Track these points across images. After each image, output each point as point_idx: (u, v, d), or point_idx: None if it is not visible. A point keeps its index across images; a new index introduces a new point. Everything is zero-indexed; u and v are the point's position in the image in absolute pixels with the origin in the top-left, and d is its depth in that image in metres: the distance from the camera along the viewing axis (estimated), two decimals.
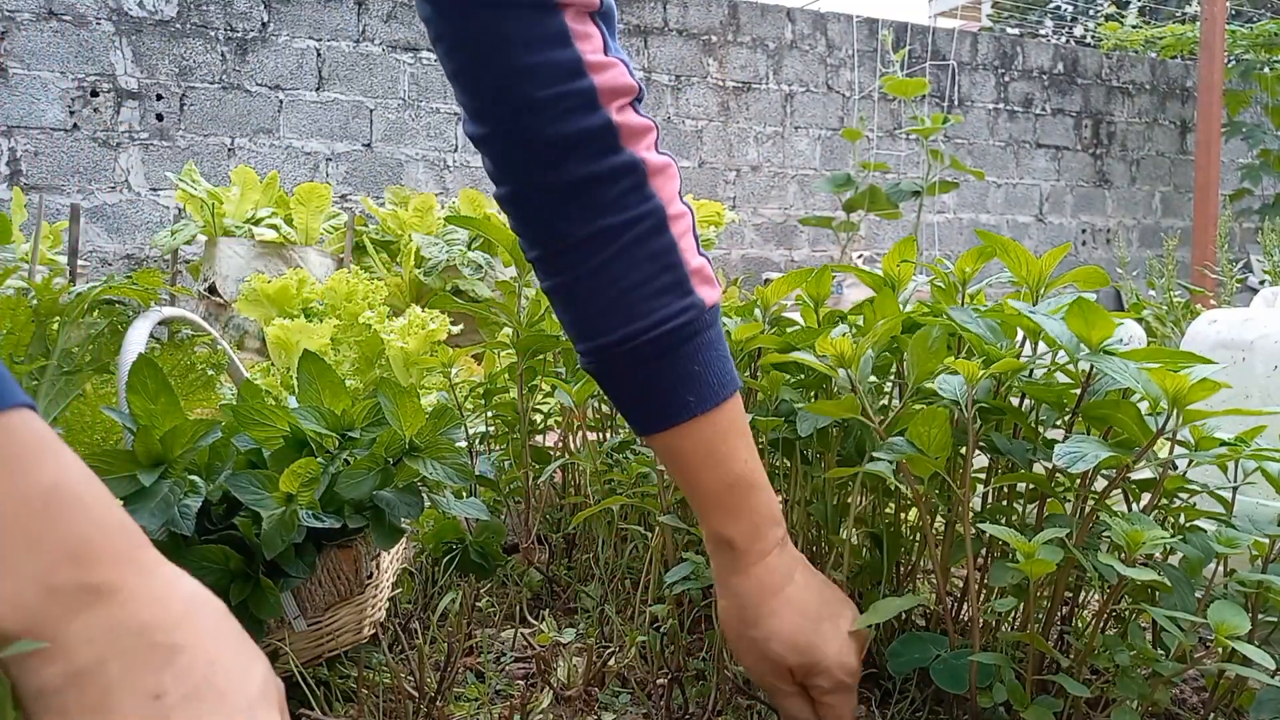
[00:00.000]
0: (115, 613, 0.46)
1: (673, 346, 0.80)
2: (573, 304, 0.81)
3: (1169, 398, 0.81)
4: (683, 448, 0.83)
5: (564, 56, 0.72)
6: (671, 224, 0.79)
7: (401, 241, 4.09)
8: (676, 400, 0.81)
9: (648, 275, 0.78)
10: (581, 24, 0.74)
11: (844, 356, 0.96)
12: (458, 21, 0.73)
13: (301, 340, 2.16)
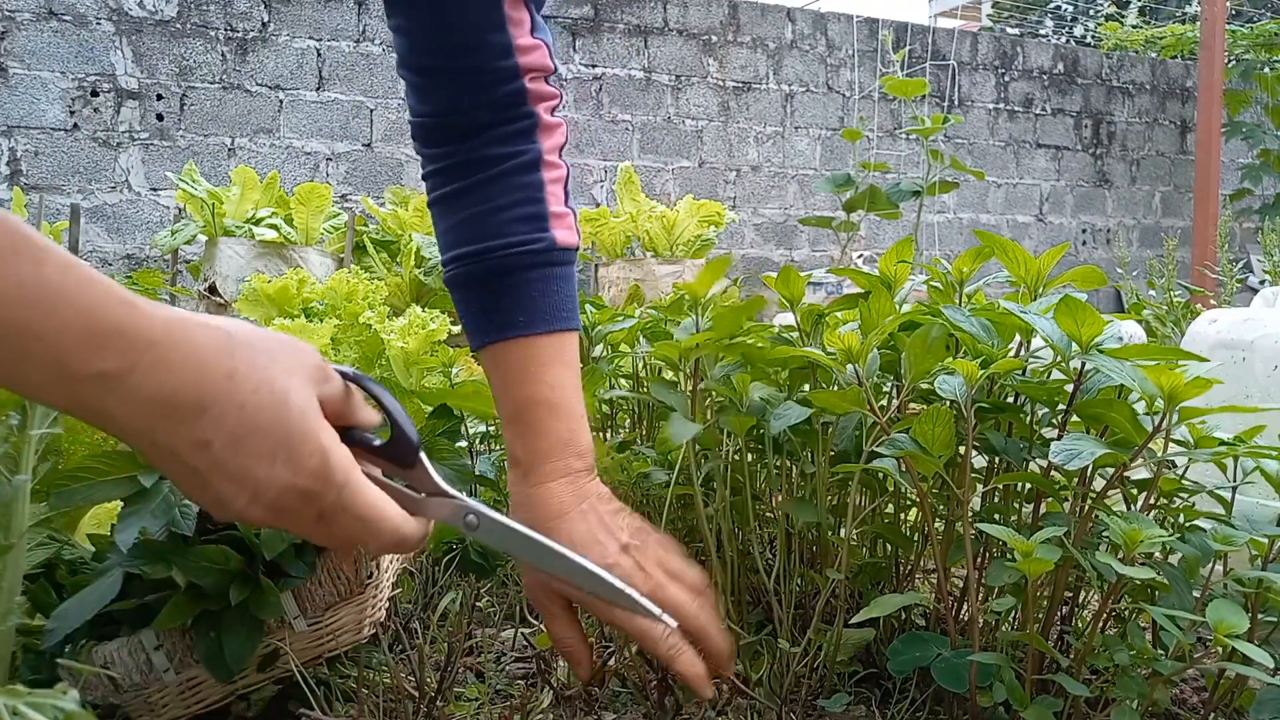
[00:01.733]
0: (139, 389, 0.53)
1: (519, 268, 0.90)
2: (449, 214, 0.93)
3: (1164, 395, 0.81)
4: (502, 361, 0.91)
5: (498, 39, 0.87)
6: (544, 168, 0.91)
7: (401, 241, 4.09)
8: (510, 317, 0.90)
9: (514, 201, 0.90)
10: (516, 10, 0.88)
11: (851, 351, 0.96)
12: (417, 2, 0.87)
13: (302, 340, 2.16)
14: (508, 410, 0.91)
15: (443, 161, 0.93)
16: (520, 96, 0.90)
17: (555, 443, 0.90)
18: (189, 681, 0.95)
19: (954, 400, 0.91)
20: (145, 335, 0.53)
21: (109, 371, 0.52)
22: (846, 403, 0.98)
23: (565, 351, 0.92)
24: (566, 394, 0.91)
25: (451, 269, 0.93)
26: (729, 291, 4.23)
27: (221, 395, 0.55)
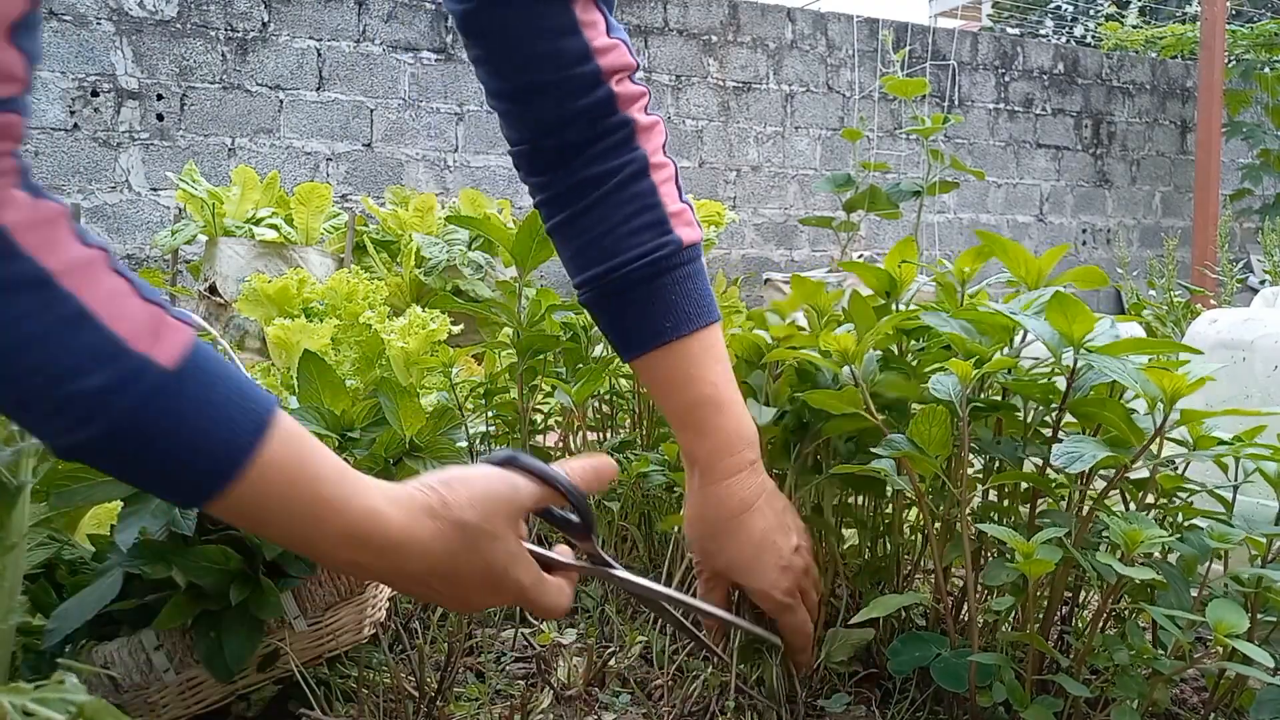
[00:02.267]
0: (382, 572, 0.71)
1: (651, 277, 0.91)
2: (570, 240, 0.94)
3: (1165, 396, 0.81)
4: (657, 369, 0.93)
5: (574, 44, 0.86)
6: (653, 171, 0.91)
7: (402, 241, 4.09)
8: (654, 326, 0.92)
9: (630, 214, 0.90)
10: (588, 13, 0.87)
11: (847, 353, 0.96)
12: (488, 16, 0.86)
13: (302, 340, 2.16)
14: (675, 414, 0.94)
15: (550, 190, 0.94)
16: (609, 104, 0.89)
17: (727, 439, 0.93)
18: (189, 681, 0.95)
19: (948, 400, 0.91)
20: (388, 539, 0.69)
21: (361, 562, 0.69)
22: (843, 403, 0.99)
23: (714, 346, 0.94)
24: (726, 389, 0.94)
25: (585, 292, 0.95)
26: (729, 292, 4.23)
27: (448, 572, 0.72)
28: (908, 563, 1.18)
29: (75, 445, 0.60)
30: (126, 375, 0.58)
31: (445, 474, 0.73)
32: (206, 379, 0.62)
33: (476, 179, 5.17)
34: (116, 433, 0.59)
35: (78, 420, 0.58)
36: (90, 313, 0.58)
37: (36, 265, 0.56)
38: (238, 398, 0.63)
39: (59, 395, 0.57)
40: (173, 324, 0.61)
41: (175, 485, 0.63)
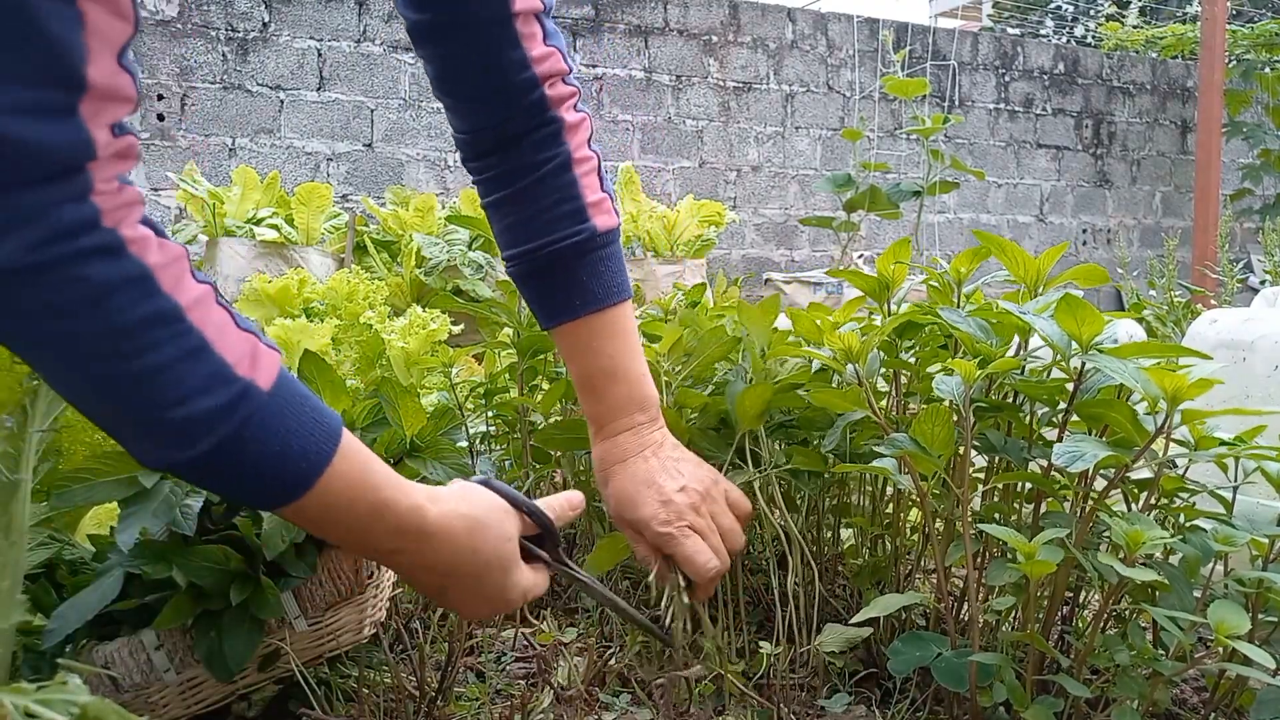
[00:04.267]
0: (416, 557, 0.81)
1: (567, 258, 1.02)
2: (501, 218, 1.06)
3: (1167, 397, 0.81)
4: (567, 340, 1.05)
5: (514, 55, 0.97)
6: (575, 165, 1.02)
7: (402, 241, 4.09)
8: (567, 302, 1.03)
9: (553, 202, 1.01)
10: (528, 26, 0.97)
11: (851, 351, 0.96)
12: (439, 27, 0.96)
13: (302, 340, 2.16)
14: (577, 379, 1.06)
15: (488, 172, 1.05)
16: (542, 104, 0.99)
17: (617, 403, 1.05)
18: (189, 681, 0.95)
19: (952, 400, 0.91)
20: (424, 530, 0.80)
21: (400, 549, 0.80)
22: (847, 402, 0.99)
23: (618, 323, 1.05)
24: (623, 360, 1.05)
25: (511, 266, 1.06)
26: (729, 292, 4.23)
27: (466, 565, 0.84)
28: (908, 562, 1.18)
29: (181, 462, 0.67)
30: (235, 398, 0.66)
31: (457, 485, 0.87)
32: (293, 399, 0.71)
33: None
34: (222, 449, 0.67)
35: (190, 439, 0.66)
36: (208, 343, 0.65)
37: (173, 302, 0.64)
38: (314, 414, 0.72)
39: (177, 417, 0.65)
40: (265, 350, 0.70)
41: (263, 492, 0.72)
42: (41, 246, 0.58)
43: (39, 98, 0.57)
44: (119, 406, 0.65)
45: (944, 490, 0.98)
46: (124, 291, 0.61)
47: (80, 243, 0.59)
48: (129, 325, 0.62)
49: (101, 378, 0.63)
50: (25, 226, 0.57)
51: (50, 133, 0.58)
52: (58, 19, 0.57)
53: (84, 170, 0.60)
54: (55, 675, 0.64)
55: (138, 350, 0.62)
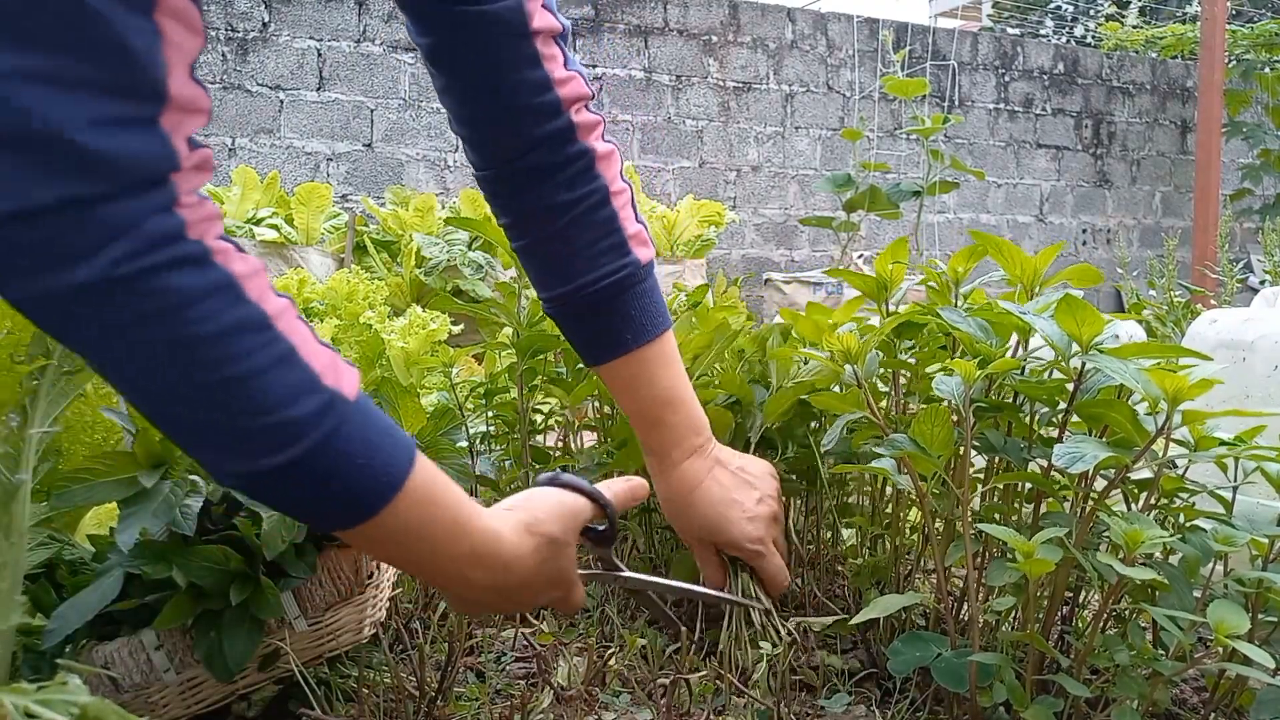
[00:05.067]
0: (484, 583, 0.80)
1: (613, 295, 1.00)
2: (536, 261, 1.03)
3: (1167, 397, 0.81)
4: (619, 375, 1.04)
5: (536, 75, 0.93)
6: (613, 199, 0.99)
7: (402, 241, 4.09)
8: (617, 338, 1.02)
9: (594, 238, 0.99)
10: (548, 47, 0.93)
11: (850, 352, 0.96)
12: (452, 48, 0.93)
13: None
14: (634, 412, 1.06)
15: (516, 214, 1.01)
16: (569, 132, 0.96)
17: (678, 432, 1.05)
18: (189, 681, 0.95)
19: (952, 400, 0.91)
20: (500, 556, 0.80)
21: (474, 579, 0.80)
22: (846, 404, 0.99)
23: (667, 352, 1.05)
24: (678, 389, 1.05)
25: (552, 306, 1.04)
26: (729, 292, 4.23)
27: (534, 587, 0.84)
28: (908, 563, 1.18)
29: (264, 470, 0.66)
30: (324, 406, 0.66)
31: (521, 496, 0.86)
32: (372, 412, 0.71)
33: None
34: (308, 458, 0.66)
35: (278, 446, 0.65)
36: (297, 351, 0.66)
37: (260, 310, 0.64)
38: (390, 429, 0.72)
39: (266, 424, 0.64)
40: (345, 365, 0.70)
41: (340, 508, 0.71)
42: (132, 258, 0.58)
43: (124, 111, 0.58)
44: (207, 416, 0.64)
45: (944, 490, 0.98)
46: (213, 299, 0.61)
47: (169, 253, 0.60)
48: (218, 332, 0.62)
49: (191, 386, 0.62)
50: (116, 240, 0.57)
51: (136, 145, 0.58)
52: (138, 33, 0.58)
53: (169, 181, 0.60)
54: (55, 675, 0.64)
55: (228, 357, 0.62)
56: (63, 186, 0.56)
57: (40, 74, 0.55)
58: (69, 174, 0.56)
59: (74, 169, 0.56)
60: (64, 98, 0.55)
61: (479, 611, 0.92)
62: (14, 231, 0.56)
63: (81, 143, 0.56)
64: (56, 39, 0.55)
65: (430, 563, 0.77)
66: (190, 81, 0.62)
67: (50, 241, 0.57)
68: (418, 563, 0.79)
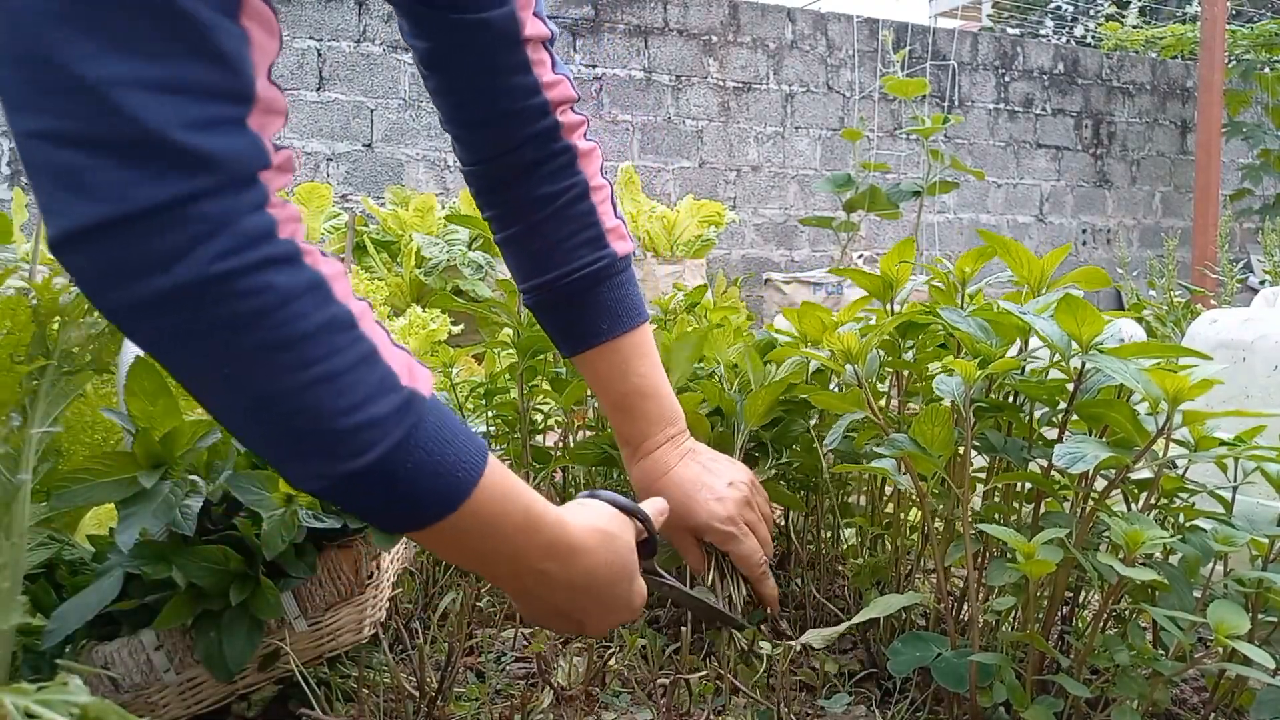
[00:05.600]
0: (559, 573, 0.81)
1: (590, 285, 1.03)
2: (518, 252, 1.06)
3: (1168, 397, 0.81)
4: (595, 364, 1.07)
5: (525, 80, 0.98)
6: (592, 193, 1.03)
7: (402, 241, 4.09)
8: (593, 327, 1.05)
9: (573, 230, 1.02)
10: (537, 53, 0.98)
11: (850, 352, 0.96)
12: (447, 53, 0.96)
13: None
14: (609, 402, 1.09)
15: (501, 208, 1.05)
16: (554, 132, 1.00)
17: (652, 420, 1.08)
18: (189, 682, 0.95)
19: (953, 400, 0.91)
20: (572, 544, 0.81)
21: (550, 571, 0.80)
22: (846, 404, 0.99)
23: (643, 343, 1.07)
24: (652, 379, 1.08)
25: (531, 296, 1.07)
26: (729, 292, 4.23)
27: (602, 578, 0.84)
28: (908, 563, 1.18)
29: (346, 474, 0.66)
30: (404, 405, 0.67)
31: (573, 504, 0.88)
32: (446, 411, 0.72)
33: None
34: (389, 457, 0.67)
35: (361, 447, 0.66)
36: (379, 351, 0.67)
37: (347, 310, 0.65)
38: (463, 427, 0.73)
39: (351, 424, 0.65)
40: (419, 366, 0.71)
41: (420, 506, 0.71)
42: (228, 256, 0.59)
43: (218, 112, 0.59)
44: (291, 417, 0.64)
45: (944, 490, 0.98)
46: (305, 299, 0.62)
47: (263, 251, 0.60)
48: (310, 332, 0.62)
49: (278, 387, 0.63)
50: (213, 237, 0.58)
51: (229, 144, 0.59)
52: (229, 35, 0.60)
53: (259, 181, 0.61)
54: (55, 675, 0.64)
55: (317, 356, 0.63)
56: (162, 187, 0.57)
57: (142, 80, 0.56)
58: (168, 174, 0.57)
59: (173, 169, 0.57)
60: (165, 101, 0.57)
61: (549, 620, 0.89)
62: (112, 237, 0.57)
63: (181, 142, 0.57)
64: (156, 45, 0.57)
65: (506, 558, 0.78)
66: (270, 83, 0.63)
67: (148, 244, 0.57)
68: (494, 559, 0.78)
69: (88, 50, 0.55)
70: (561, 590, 0.82)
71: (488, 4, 0.93)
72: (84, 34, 0.55)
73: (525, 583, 0.81)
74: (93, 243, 0.57)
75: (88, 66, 0.55)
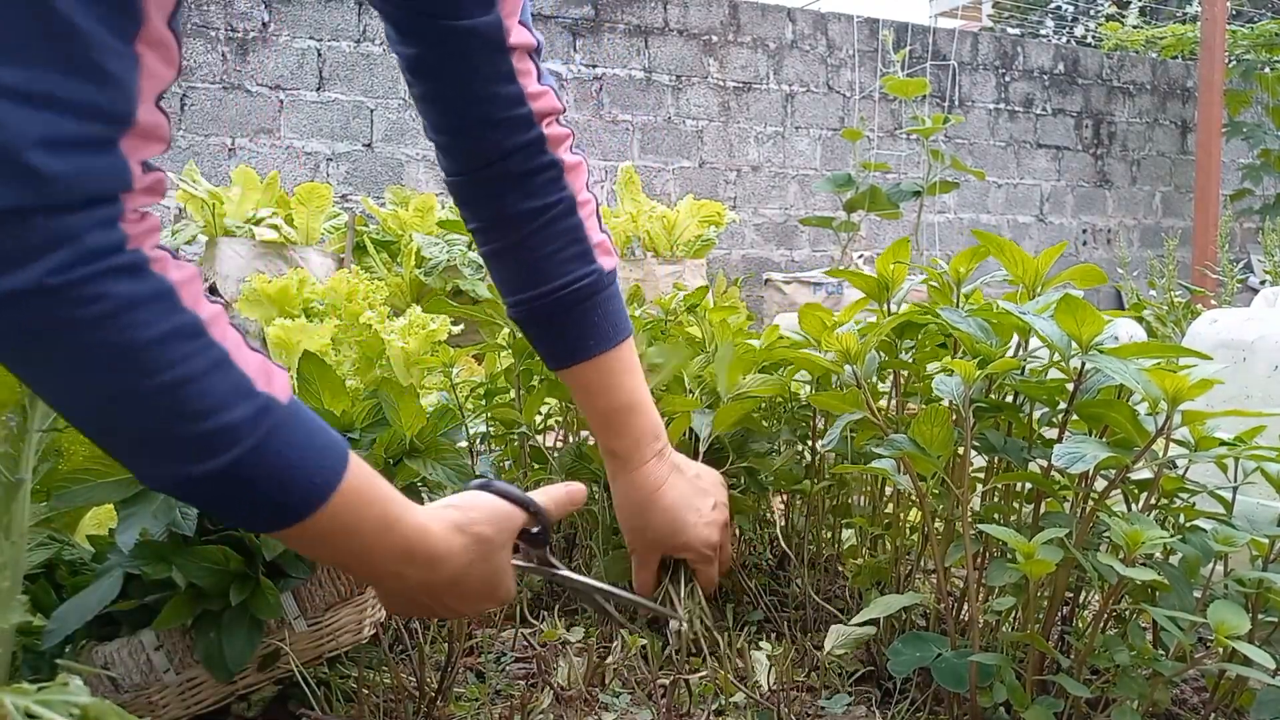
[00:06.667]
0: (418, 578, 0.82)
1: (578, 301, 1.02)
2: (503, 266, 1.05)
3: (1167, 397, 0.81)
4: (582, 380, 1.06)
5: (512, 90, 0.96)
6: (579, 208, 1.02)
7: (402, 241, 4.09)
8: (579, 344, 1.04)
9: (560, 246, 1.01)
10: (523, 63, 0.97)
11: (849, 352, 0.96)
12: (432, 60, 0.96)
13: (302, 340, 2.16)
14: (597, 417, 1.08)
15: (485, 220, 1.04)
16: (540, 144, 0.99)
17: (641, 435, 1.08)
18: (189, 682, 0.95)
19: (952, 400, 0.91)
20: (431, 552, 0.81)
21: (405, 574, 0.81)
22: (845, 404, 0.99)
23: (628, 358, 1.07)
24: (639, 394, 1.08)
25: (516, 310, 1.06)
26: (729, 292, 4.23)
27: (462, 583, 0.84)
28: (908, 563, 1.18)
29: (196, 476, 0.66)
30: (259, 410, 0.67)
31: (456, 498, 0.87)
32: (305, 415, 0.72)
33: None
34: (242, 462, 0.67)
35: (212, 452, 0.66)
36: (230, 357, 0.66)
37: (195, 316, 0.65)
38: (322, 429, 0.73)
39: (201, 429, 0.65)
40: (275, 367, 0.70)
41: (275, 508, 0.71)
42: (68, 269, 0.59)
43: (87, 131, 0.59)
44: (142, 423, 0.64)
45: (943, 490, 0.98)
46: (148, 307, 0.62)
47: (104, 263, 0.60)
48: (154, 339, 0.62)
49: (125, 394, 0.63)
50: (54, 250, 0.58)
51: (84, 164, 0.59)
52: (117, 58, 0.59)
53: (117, 200, 0.61)
54: (55, 675, 0.64)
55: (164, 364, 0.63)
56: (5, 197, 0.56)
57: (10, 89, 0.56)
58: (13, 184, 0.57)
59: (20, 180, 0.57)
60: (28, 113, 0.56)
61: (411, 612, 0.92)
62: None
63: (30, 159, 0.56)
64: (36, 56, 0.57)
65: (362, 560, 0.78)
66: (155, 109, 0.63)
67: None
68: (349, 560, 0.80)
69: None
70: (419, 589, 0.83)
71: (474, 11, 0.93)
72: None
73: (384, 582, 0.83)
74: None
75: None
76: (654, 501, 1.08)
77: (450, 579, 0.83)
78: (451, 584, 0.83)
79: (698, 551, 1.10)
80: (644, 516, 1.09)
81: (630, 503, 1.09)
